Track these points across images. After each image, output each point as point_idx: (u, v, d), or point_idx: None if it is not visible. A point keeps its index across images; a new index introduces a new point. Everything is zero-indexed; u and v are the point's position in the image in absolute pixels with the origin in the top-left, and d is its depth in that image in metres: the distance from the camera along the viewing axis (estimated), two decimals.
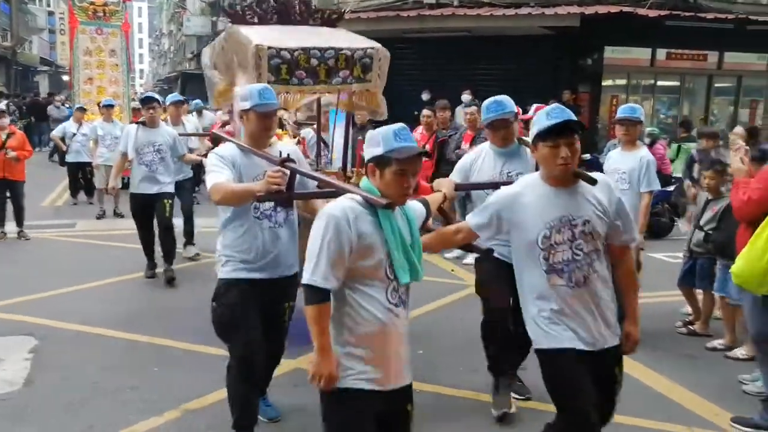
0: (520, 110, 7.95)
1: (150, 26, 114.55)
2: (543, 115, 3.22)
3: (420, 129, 9.62)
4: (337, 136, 6.71)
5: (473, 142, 8.59)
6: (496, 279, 4.36)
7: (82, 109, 13.89)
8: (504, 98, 4.55)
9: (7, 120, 10.14)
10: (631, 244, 3.45)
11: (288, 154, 3.84)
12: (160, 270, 7.91)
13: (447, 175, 7.64)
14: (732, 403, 4.91)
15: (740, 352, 5.66)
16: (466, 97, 14.31)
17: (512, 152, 4.60)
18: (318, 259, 2.76)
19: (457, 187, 3.92)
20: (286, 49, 5.25)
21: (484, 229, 3.42)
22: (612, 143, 11.62)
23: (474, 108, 8.79)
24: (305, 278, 2.78)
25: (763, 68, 19.14)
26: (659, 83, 19.34)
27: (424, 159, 3.12)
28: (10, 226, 10.10)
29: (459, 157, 8.65)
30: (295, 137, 6.72)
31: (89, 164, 12.79)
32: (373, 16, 16.88)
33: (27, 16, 43.70)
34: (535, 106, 7.66)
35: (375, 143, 2.88)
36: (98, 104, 13.77)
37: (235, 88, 5.65)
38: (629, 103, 7.07)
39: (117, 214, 11.82)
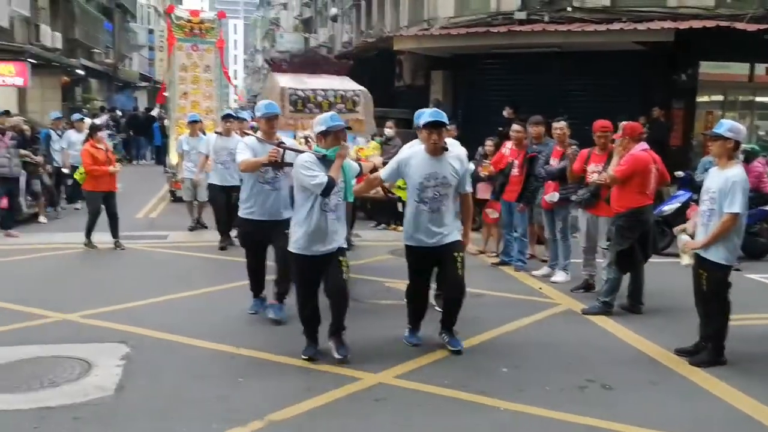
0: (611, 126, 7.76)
1: (245, 43, 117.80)
2: (426, 113, 5.92)
3: (509, 144, 9.51)
4: None
5: (563, 158, 8.44)
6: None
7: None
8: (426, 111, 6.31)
9: (105, 134, 10.64)
10: (468, 192, 6.11)
11: (282, 140, 6.53)
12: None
13: (535, 191, 8.00)
14: None
15: None
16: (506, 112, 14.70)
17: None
18: (316, 170, 5.49)
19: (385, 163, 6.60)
20: (301, 89, 8.93)
21: (390, 176, 6.15)
22: (707, 160, 11.19)
23: (563, 123, 8.64)
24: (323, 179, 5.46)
25: None
26: (758, 99, 18.50)
27: (513, 174, 6.36)
28: (102, 237, 10.53)
29: (548, 172, 8.53)
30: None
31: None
32: (463, 32, 16.81)
33: (129, 34, 45.40)
34: (623, 123, 7.44)
35: (320, 124, 5.64)
36: None
37: None
38: (724, 119, 6.79)
39: (200, 225, 12.21)
